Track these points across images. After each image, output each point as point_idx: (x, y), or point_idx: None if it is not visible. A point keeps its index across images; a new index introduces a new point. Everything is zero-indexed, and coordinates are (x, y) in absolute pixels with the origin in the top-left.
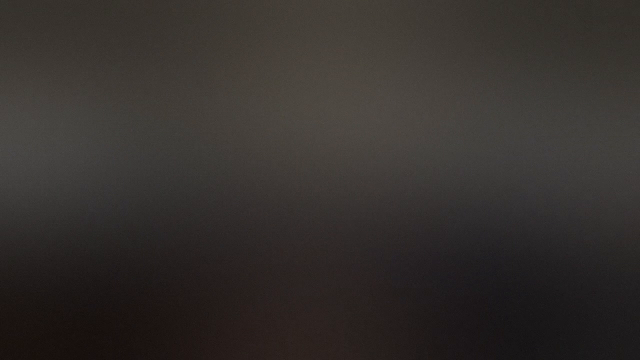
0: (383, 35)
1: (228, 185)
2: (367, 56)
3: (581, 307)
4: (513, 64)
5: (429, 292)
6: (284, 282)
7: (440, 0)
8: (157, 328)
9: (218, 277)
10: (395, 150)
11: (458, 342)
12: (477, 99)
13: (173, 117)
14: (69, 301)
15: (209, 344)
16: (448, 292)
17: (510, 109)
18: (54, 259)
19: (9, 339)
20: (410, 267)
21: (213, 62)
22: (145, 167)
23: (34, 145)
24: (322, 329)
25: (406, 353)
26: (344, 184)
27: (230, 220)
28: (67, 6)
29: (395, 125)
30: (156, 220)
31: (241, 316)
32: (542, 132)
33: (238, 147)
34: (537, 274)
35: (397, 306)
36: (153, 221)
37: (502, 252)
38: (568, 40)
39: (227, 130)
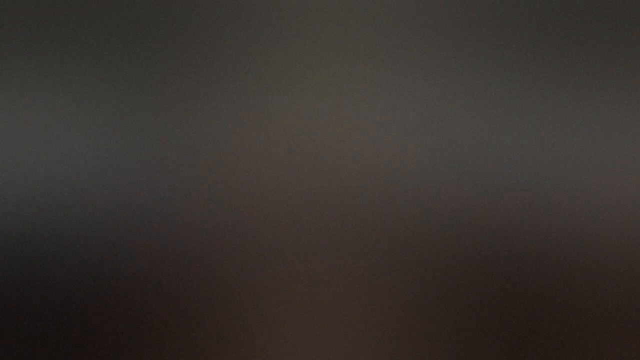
0: (384, 35)
1: (228, 185)
2: (368, 56)
3: (581, 307)
4: (513, 64)
5: (429, 291)
6: (285, 282)
7: (440, 0)
8: (157, 328)
9: (218, 277)
10: (395, 150)
11: (458, 341)
12: (478, 98)
13: (173, 117)
14: (69, 301)
15: (209, 344)
16: (448, 291)
17: (510, 108)
18: (54, 259)
19: (9, 339)
20: (410, 266)
21: (213, 62)
22: (145, 167)
23: (34, 145)
24: (323, 329)
25: (406, 353)
26: (345, 183)
27: (231, 220)
28: (67, 6)
29: (395, 125)
30: (156, 220)
31: (241, 316)
32: (542, 132)
33: (238, 147)
34: (537, 274)
35: (397, 306)
36: (153, 221)
37: (502, 252)
38: (568, 40)
39: (227, 130)
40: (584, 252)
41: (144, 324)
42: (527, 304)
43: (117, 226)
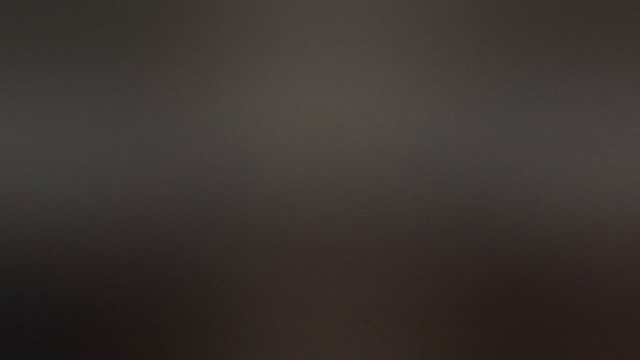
0: (383, 34)
1: (228, 185)
2: (367, 55)
3: (581, 307)
4: (513, 64)
5: (428, 291)
6: (284, 281)
7: (440, 0)
8: (157, 328)
9: (218, 277)
10: (395, 150)
11: (458, 341)
12: (478, 98)
13: (173, 117)
14: (68, 301)
15: (208, 344)
16: (448, 291)
17: (510, 109)
18: (54, 259)
19: (9, 339)
20: (410, 266)
21: (213, 61)
22: (145, 167)
23: (34, 145)
24: (322, 329)
25: (406, 353)
26: (344, 183)
27: (231, 220)
28: (67, 6)
29: (395, 125)
30: (156, 220)
31: (241, 316)
32: (542, 132)
33: (238, 147)
34: (537, 274)
35: (396, 305)
36: (153, 221)
37: (501, 251)
38: (568, 40)
39: (227, 130)
40: (585, 252)
41: (143, 324)
42: (528, 304)
43: (116, 226)
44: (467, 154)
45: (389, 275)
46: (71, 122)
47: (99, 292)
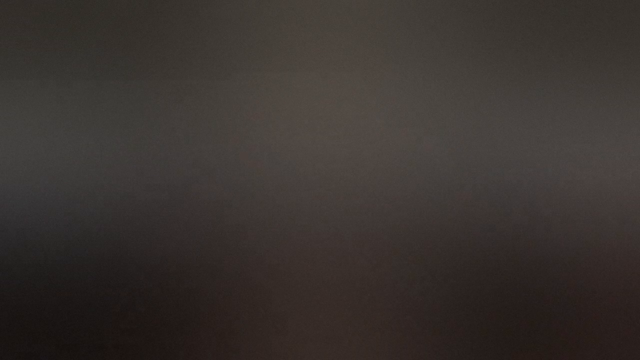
0: (383, 34)
1: (228, 186)
2: (367, 55)
3: (581, 307)
4: (513, 64)
5: (428, 291)
6: (283, 282)
7: (441, 0)
8: (157, 328)
9: (218, 277)
10: (395, 151)
11: (457, 341)
12: (478, 98)
13: (173, 117)
14: (67, 300)
15: (208, 345)
16: (448, 291)
17: (510, 109)
18: (54, 259)
19: (9, 339)
20: (410, 266)
21: (213, 62)
22: (145, 167)
23: (34, 144)
24: (322, 329)
25: (406, 353)
26: (345, 184)
27: (230, 220)
28: (67, 6)
29: (395, 126)
30: (156, 220)
31: (241, 317)
32: (542, 132)
33: (238, 147)
34: (537, 274)
35: (396, 306)
36: (153, 221)
37: (502, 251)
38: (568, 40)
39: (227, 130)
40: (585, 252)
41: (143, 324)
42: (528, 304)
43: (116, 226)
44: (467, 154)
45: (388, 275)
46: (71, 122)
47: (99, 292)
